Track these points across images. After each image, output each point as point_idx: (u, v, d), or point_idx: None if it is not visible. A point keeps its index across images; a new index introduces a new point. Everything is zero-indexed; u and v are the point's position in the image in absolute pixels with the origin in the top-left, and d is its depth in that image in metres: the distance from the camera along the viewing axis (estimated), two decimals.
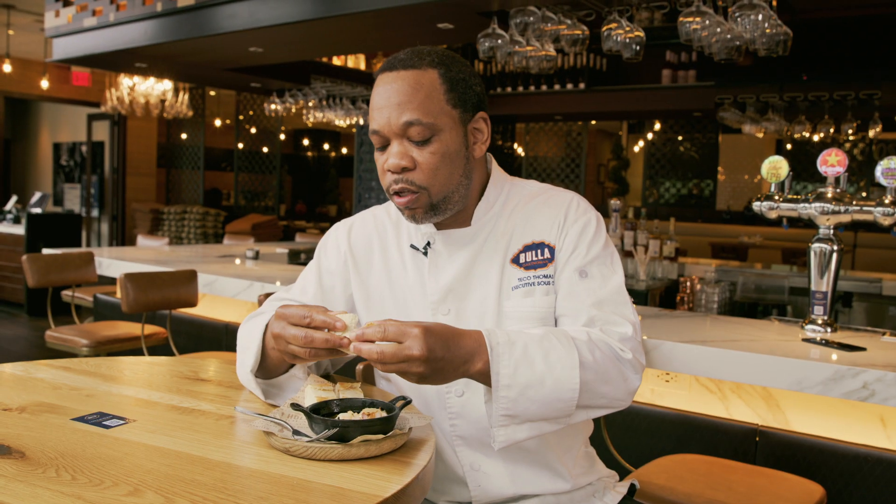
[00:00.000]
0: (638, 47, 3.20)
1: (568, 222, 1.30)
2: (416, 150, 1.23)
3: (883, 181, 2.21)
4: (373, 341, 1.06)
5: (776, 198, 2.39)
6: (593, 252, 1.28)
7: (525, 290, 1.27)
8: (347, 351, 1.09)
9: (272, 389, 1.28)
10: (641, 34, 3.21)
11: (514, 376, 1.10)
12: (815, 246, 2.31)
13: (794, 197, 2.36)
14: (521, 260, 1.29)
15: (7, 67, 7.80)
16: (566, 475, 1.31)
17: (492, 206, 1.33)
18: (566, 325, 1.26)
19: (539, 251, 1.29)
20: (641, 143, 10.58)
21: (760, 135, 5.94)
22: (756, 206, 2.43)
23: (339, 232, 1.44)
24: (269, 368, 1.27)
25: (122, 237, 9.97)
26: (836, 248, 2.29)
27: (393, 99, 1.22)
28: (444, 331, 1.09)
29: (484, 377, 1.12)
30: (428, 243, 1.33)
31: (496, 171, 1.37)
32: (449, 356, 1.07)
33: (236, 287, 3.22)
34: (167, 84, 7.97)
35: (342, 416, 1.08)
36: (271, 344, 1.21)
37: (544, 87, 6.89)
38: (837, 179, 2.29)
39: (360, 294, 1.38)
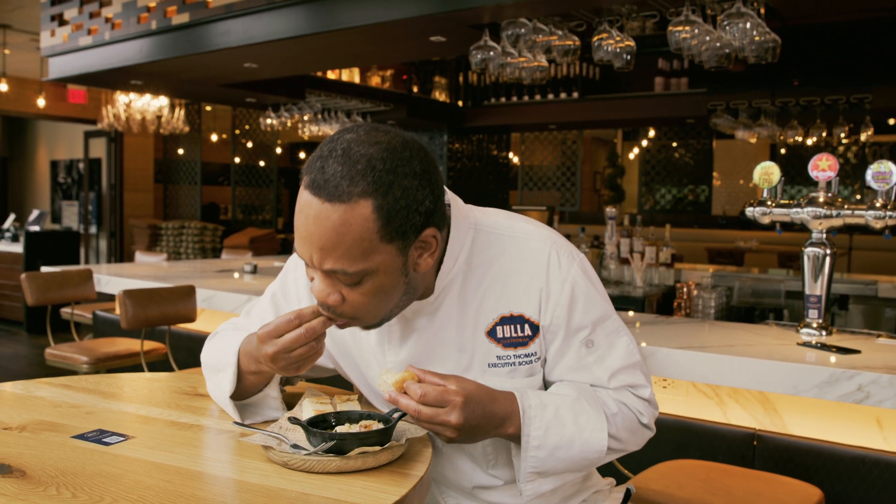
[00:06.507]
0: (629, 56, 3.23)
1: (553, 293, 1.16)
2: (346, 289, 1.06)
3: (873, 185, 2.23)
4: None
5: (769, 203, 2.40)
6: (591, 315, 1.19)
7: (507, 370, 1.18)
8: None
9: (249, 408, 1.26)
10: (632, 44, 3.24)
11: (544, 437, 1.13)
12: (808, 250, 2.33)
13: (787, 202, 2.38)
14: (499, 335, 1.17)
15: (3, 86, 7.81)
16: (560, 494, 1.31)
17: (455, 263, 1.16)
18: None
19: (518, 327, 1.17)
20: (636, 151, 10.61)
21: (753, 140, 5.97)
22: (749, 211, 2.45)
23: (298, 274, 1.32)
24: (244, 389, 1.24)
25: (121, 253, 9.97)
26: (828, 251, 2.30)
27: (314, 240, 1.01)
28: (483, 396, 1.10)
29: (515, 438, 1.15)
30: None
31: (457, 218, 1.16)
32: (483, 423, 1.10)
33: (235, 302, 3.23)
34: (163, 100, 7.99)
35: (339, 429, 1.09)
36: (248, 368, 1.19)
37: (538, 97, 6.93)
38: (829, 184, 2.31)
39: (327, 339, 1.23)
